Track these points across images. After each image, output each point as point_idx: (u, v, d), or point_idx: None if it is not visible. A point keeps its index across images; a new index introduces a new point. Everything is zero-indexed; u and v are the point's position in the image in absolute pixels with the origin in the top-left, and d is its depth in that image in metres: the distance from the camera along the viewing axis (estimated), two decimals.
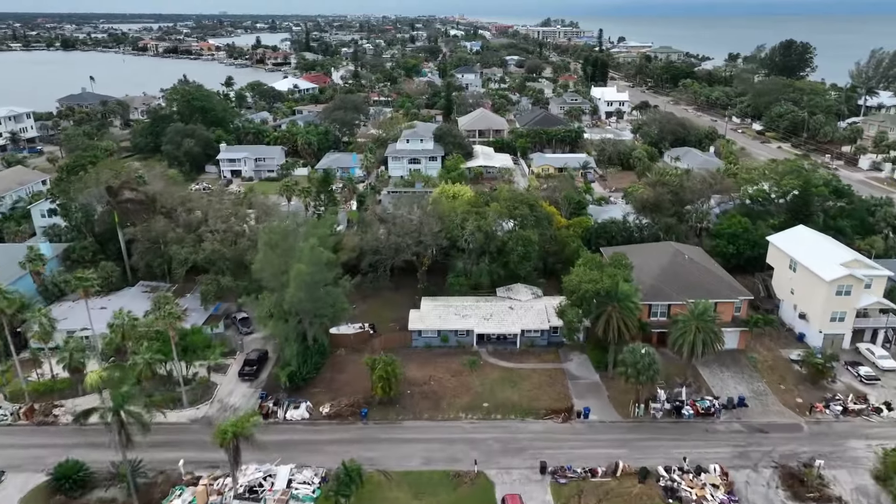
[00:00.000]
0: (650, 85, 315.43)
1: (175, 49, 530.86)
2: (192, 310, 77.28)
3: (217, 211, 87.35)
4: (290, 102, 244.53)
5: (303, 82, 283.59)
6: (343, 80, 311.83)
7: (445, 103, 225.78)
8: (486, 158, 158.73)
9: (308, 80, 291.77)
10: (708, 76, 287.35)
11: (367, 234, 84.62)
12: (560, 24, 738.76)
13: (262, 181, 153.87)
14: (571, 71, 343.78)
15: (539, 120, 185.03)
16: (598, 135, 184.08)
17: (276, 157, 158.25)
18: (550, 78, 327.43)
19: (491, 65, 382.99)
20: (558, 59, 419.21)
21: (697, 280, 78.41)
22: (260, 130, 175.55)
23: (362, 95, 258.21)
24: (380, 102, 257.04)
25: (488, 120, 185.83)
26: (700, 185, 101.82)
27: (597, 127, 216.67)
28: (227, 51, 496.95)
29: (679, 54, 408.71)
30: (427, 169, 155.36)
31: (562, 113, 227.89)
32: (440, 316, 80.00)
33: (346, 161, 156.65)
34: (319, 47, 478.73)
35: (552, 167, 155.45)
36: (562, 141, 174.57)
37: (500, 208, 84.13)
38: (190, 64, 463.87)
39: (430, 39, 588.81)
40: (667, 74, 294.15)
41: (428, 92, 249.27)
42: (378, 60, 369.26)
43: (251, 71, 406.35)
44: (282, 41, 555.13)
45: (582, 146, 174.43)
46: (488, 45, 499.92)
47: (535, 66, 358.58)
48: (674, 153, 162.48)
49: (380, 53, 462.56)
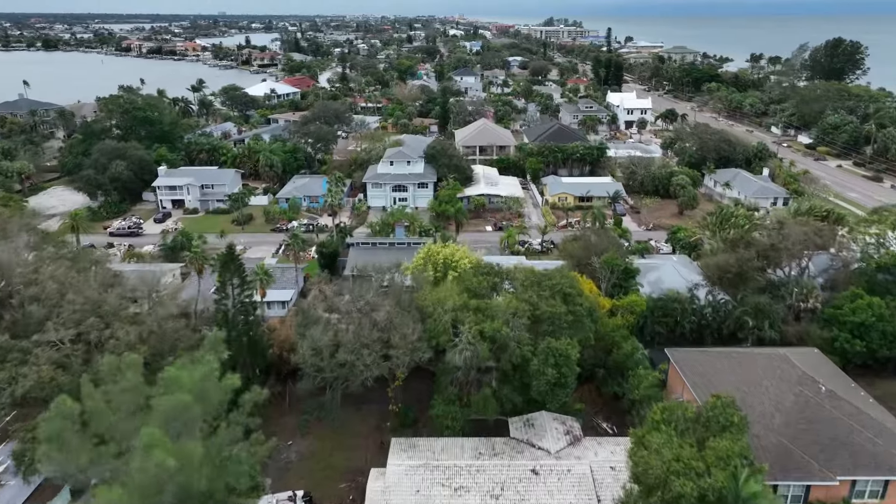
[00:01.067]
0: (668, 89, 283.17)
1: (159, 49, 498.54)
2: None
3: (76, 295, 55.17)
4: (262, 111, 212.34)
5: (282, 86, 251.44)
6: (329, 84, 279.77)
7: (441, 112, 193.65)
8: (488, 184, 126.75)
9: (289, 84, 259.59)
10: (734, 79, 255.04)
11: (305, 342, 52.32)
12: (563, 24, 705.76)
13: (211, 213, 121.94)
14: (580, 73, 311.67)
15: (552, 133, 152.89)
16: (621, 151, 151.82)
17: (227, 182, 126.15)
18: (558, 81, 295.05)
19: (492, 66, 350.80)
20: (564, 60, 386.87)
21: (849, 436, 46.33)
22: (215, 147, 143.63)
23: (347, 102, 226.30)
24: (367, 110, 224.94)
25: (491, 133, 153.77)
26: (801, 240, 69.42)
27: (616, 139, 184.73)
28: (214, 51, 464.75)
29: (694, 55, 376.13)
30: (415, 198, 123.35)
31: (575, 123, 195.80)
32: (418, 489, 48.12)
33: (316, 188, 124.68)
34: (309, 48, 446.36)
35: (571, 196, 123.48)
36: (580, 160, 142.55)
37: (517, 303, 52.04)
38: (171, 65, 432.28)
39: (427, 40, 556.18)
40: (688, 77, 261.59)
41: (422, 98, 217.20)
42: (369, 62, 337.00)
43: (236, 73, 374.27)
44: (272, 41, 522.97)
45: (604, 166, 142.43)
46: (489, 46, 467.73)
47: (541, 67, 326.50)
48: (720, 176, 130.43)
49: (374, 54, 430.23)
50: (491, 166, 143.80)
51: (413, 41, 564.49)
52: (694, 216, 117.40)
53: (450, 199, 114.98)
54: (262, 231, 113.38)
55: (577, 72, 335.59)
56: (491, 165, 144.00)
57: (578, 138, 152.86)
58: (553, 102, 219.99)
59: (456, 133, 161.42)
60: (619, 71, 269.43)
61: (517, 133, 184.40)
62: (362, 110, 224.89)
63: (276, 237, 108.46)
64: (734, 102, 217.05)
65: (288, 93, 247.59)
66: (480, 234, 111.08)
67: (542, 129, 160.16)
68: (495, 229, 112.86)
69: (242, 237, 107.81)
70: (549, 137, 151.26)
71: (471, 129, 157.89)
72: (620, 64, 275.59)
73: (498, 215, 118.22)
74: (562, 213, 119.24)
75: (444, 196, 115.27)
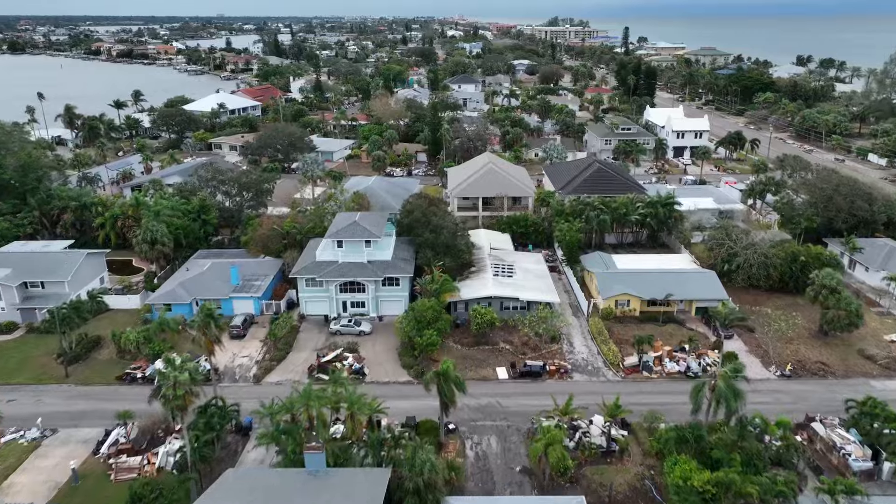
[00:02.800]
0: (707, 100, 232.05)
1: (130, 53, 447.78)
2: None
3: None
4: (201, 134, 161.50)
5: (238, 99, 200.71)
6: (302, 94, 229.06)
7: (430, 137, 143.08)
8: (500, 271, 76.16)
9: (247, 96, 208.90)
10: (793, 88, 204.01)
11: None
12: (569, 24, 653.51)
13: (38, 332, 71.41)
14: (598, 80, 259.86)
15: (590, 178, 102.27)
16: (684, 199, 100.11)
17: (71, 271, 75.29)
18: (575, 90, 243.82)
19: (495, 71, 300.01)
20: (578, 63, 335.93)
21: None
22: (85, 205, 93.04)
23: (314, 121, 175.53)
24: (341, 130, 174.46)
25: (499, 179, 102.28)
26: None
27: (664, 174, 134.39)
28: (187, 55, 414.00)
29: (725, 57, 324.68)
30: (378, 304, 73.09)
31: (607, 150, 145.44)
32: None
33: (219, 285, 74.49)
34: (290, 50, 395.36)
35: (639, 299, 73.05)
36: (638, 223, 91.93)
37: None
38: (136, 70, 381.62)
39: (424, 41, 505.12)
40: (736, 86, 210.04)
41: (408, 116, 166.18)
42: (353, 66, 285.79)
43: (206, 79, 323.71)
44: (254, 43, 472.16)
45: (672, 229, 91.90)
46: (490, 48, 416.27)
47: (552, 73, 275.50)
48: (871, 258, 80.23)
49: (362, 57, 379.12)
50: (500, 231, 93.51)
51: (408, 42, 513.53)
52: (853, 341, 67.30)
53: (432, 315, 64.66)
54: (107, 379, 63.11)
55: (593, 77, 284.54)
56: (500, 229, 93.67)
57: (629, 185, 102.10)
58: (574, 120, 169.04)
59: (449, 175, 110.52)
60: (652, 79, 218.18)
61: (533, 168, 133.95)
62: (333, 131, 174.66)
63: (124, 397, 58.33)
64: (808, 120, 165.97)
65: (246, 106, 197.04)
66: (486, 384, 60.97)
67: (572, 169, 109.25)
68: (514, 375, 62.72)
69: (52, 397, 57.88)
70: (587, 183, 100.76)
71: (469, 170, 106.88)
72: (653, 70, 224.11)
73: (517, 339, 67.83)
74: (621, 331, 68.91)
75: (423, 311, 64.80)
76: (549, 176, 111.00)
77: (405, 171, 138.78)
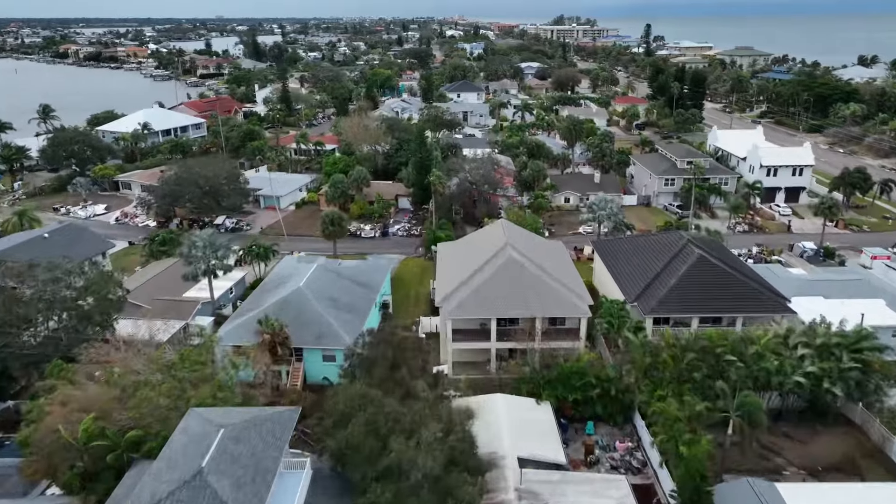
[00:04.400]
0: (764, 111, 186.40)
1: (98, 56, 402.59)
2: None
3: None
4: (103, 168, 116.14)
5: (177, 116, 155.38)
6: (267, 105, 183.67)
7: (416, 177, 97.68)
8: None
9: (194, 110, 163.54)
10: (880, 97, 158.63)
11: None
12: (576, 23, 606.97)
13: None
14: (625, 88, 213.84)
15: (687, 279, 56.58)
16: (837, 306, 55.26)
17: None
18: (598, 99, 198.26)
19: (500, 76, 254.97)
20: (595, 66, 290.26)
21: None
22: None
23: (264, 145, 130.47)
24: (303, 158, 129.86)
25: (526, 282, 55.46)
26: None
27: (757, 232, 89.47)
28: (157, 58, 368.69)
29: (766, 57, 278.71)
30: None
31: (667, 192, 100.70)
32: None
33: None
34: (271, 52, 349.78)
35: None
36: (790, 388, 46.82)
37: None
38: (98, 75, 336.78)
39: (421, 41, 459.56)
40: (808, 94, 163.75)
41: (388, 141, 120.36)
42: (335, 71, 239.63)
43: (173, 85, 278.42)
44: (235, 45, 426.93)
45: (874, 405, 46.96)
46: (493, 48, 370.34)
47: (567, 78, 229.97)
48: None
49: (350, 61, 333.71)
50: (530, 393, 48.48)
51: (405, 43, 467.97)
52: None
53: None
54: None
55: (615, 82, 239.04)
56: (531, 390, 48.62)
57: (758, 291, 56.51)
58: (612, 145, 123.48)
59: (439, 267, 63.79)
60: (700, 87, 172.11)
61: (562, 223, 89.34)
62: (296, 157, 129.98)
63: None
64: None
65: (185, 125, 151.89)
66: None
67: (646, 255, 63.40)
68: None
69: None
70: (683, 290, 55.55)
71: (472, 258, 59.84)
72: (702, 76, 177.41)
73: None
74: None
75: None
76: (605, 261, 65.66)
77: (378, 229, 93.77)
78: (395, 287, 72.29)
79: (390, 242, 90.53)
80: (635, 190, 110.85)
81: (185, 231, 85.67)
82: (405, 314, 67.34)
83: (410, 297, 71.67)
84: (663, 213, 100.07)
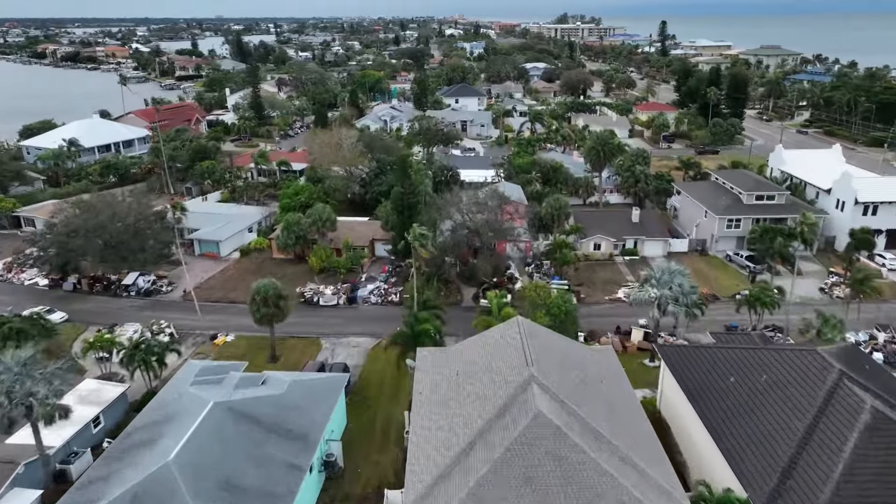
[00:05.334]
0: (810, 120, 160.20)
1: (75, 56, 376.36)
2: None
3: None
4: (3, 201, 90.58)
5: (122, 128, 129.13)
6: (236, 112, 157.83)
7: (397, 221, 71.93)
8: None
9: (144, 120, 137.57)
10: None
11: None
12: (580, 21, 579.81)
13: None
14: (645, 92, 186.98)
15: (869, 472, 31.61)
16: None
17: None
18: (617, 106, 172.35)
19: (503, 77, 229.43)
20: (607, 67, 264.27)
21: None
22: None
23: (217, 167, 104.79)
24: (265, 178, 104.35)
25: (561, 496, 31.77)
26: None
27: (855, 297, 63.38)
28: (136, 58, 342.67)
29: (794, 58, 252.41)
30: None
31: (730, 236, 75.08)
32: None
33: None
34: (257, 53, 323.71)
35: None
36: None
37: None
38: (73, 76, 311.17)
39: (419, 40, 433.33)
40: (868, 102, 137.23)
41: (366, 164, 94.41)
42: (320, 74, 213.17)
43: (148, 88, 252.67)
44: (223, 44, 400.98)
45: None
46: (495, 48, 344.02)
47: (579, 80, 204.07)
48: None
49: (342, 61, 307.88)
50: None
51: (402, 42, 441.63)
52: None
53: None
54: None
55: (631, 85, 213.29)
56: None
57: None
58: (647, 168, 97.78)
59: (411, 446, 37.43)
60: (741, 92, 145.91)
61: (614, 313, 64.17)
62: (256, 181, 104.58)
63: None
64: None
65: (126, 140, 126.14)
66: None
67: (781, 402, 37.81)
68: None
69: None
70: (866, 481, 30.15)
71: (466, 442, 34.80)
72: (743, 78, 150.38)
73: None
74: None
75: None
76: (686, 389, 39.94)
77: (344, 293, 68.03)
78: (354, 409, 47.02)
79: (358, 315, 65.05)
80: (681, 228, 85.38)
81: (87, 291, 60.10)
82: (365, 467, 41.90)
83: (376, 429, 46.19)
84: (726, 266, 74.49)
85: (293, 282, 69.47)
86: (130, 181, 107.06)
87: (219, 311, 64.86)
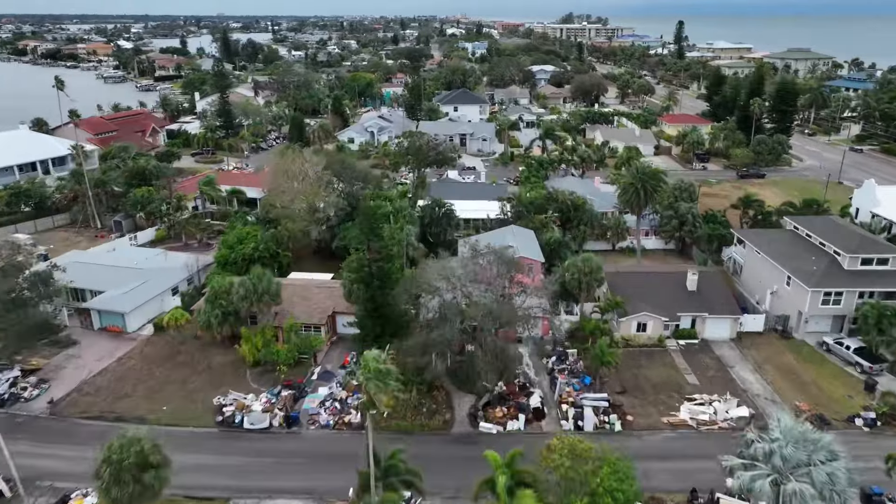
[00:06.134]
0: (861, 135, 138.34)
1: (56, 53, 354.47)
2: None
3: None
4: None
5: (54, 143, 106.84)
6: (203, 120, 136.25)
7: (363, 292, 50.37)
8: None
9: (88, 132, 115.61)
10: None
11: None
12: (586, 21, 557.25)
13: None
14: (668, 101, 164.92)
15: None
16: None
17: None
18: (637, 116, 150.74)
19: (507, 81, 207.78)
20: (621, 69, 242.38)
21: None
22: None
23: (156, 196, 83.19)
24: (216, 206, 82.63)
25: None
26: None
27: None
28: (116, 56, 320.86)
29: (826, 61, 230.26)
30: None
31: (824, 315, 53.38)
32: None
33: None
34: (244, 52, 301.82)
35: None
36: None
37: None
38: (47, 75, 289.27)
39: (418, 40, 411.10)
40: None
41: (333, 200, 73.10)
42: (304, 76, 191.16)
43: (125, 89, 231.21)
44: (211, 43, 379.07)
45: None
46: (498, 48, 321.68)
47: (592, 85, 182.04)
48: None
49: (336, 62, 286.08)
50: None
51: (401, 41, 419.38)
52: None
53: None
54: None
55: (649, 91, 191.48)
56: None
57: None
58: (692, 206, 76.26)
59: None
60: (790, 104, 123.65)
61: (674, 450, 42.17)
62: (199, 210, 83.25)
63: None
64: None
65: (63, 156, 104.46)
66: None
67: None
68: None
69: None
70: None
71: None
72: (793, 90, 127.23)
73: None
74: None
75: None
76: None
77: (283, 407, 46.29)
78: None
79: (300, 447, 43.53)
80: (747, 293, 63.84)
81: None
82: None
83: None
84: (823, 360, 52.91)
85: (212, 383, 48.25)
86: (49, 212, 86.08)
87: (95, 437, 43.08)
